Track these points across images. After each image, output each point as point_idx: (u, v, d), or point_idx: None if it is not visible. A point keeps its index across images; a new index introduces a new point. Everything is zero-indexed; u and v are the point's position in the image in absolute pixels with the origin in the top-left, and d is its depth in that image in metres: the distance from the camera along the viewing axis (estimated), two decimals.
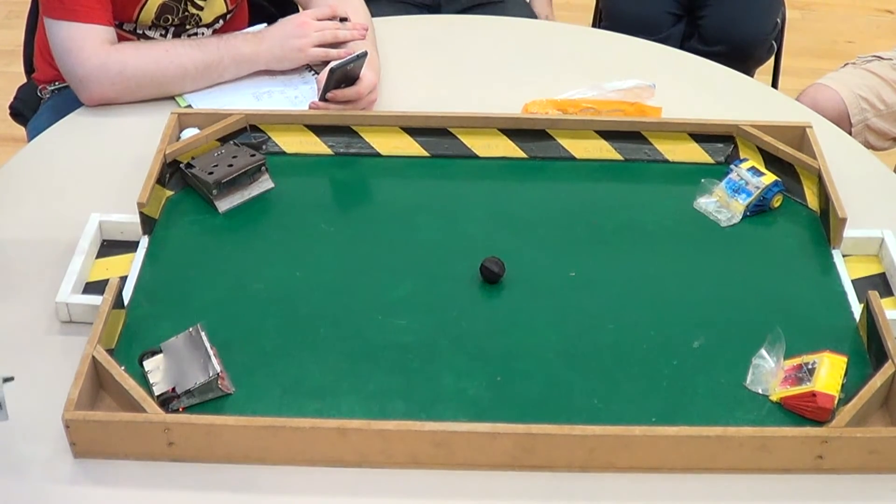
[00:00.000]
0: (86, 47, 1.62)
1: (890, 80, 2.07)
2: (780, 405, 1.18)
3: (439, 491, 1.12)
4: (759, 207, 1.44)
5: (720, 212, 1.43)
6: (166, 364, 1.19)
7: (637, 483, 1.12)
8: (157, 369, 1.19)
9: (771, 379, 1.19)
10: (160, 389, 1.16)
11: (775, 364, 1.20)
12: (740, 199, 1.43)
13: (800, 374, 1.18)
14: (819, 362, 1.19)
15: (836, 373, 1.18)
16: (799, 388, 1.17)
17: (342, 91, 1.58)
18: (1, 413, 1.10)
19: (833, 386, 1.16)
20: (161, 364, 1.19)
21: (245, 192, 1.45)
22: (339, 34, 1.68)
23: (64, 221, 1.42)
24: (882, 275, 1.37)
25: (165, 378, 1.17)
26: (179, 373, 1.17)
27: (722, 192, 1.45)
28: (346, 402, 1.17)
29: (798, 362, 1.20)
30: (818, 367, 1.18)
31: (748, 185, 1.44)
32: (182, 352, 1.19)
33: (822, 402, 1.15)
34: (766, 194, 1.43)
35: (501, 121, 1.55)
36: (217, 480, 1.12)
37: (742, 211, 1.43)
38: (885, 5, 3.71)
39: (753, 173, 1.45)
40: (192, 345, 1.20)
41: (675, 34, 2.49)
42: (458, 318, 1.28)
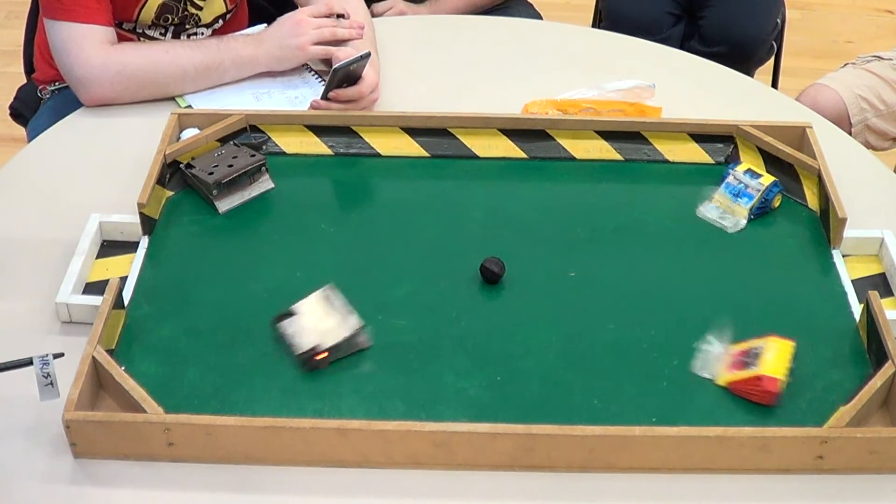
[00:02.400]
0: (85, 47, 1.62)
1: (890, 80, 2.07)
2: (727, 390, 1.19)
3: (439, 491, 1.12)
4: (762, 210, 1.43)
5: (725, 218, 1.42)
6: (304, 324, 1.23)
7: (637, 483, 1.12)
8: (295, 331, 1.23)
9: (717, 364, 1.20)
10: (301, 349, 1.21)
11: (722, 349, 1.21)
12: (743, 203, 1.42)
13: (746, 359, 1.19)
14: (765, 346, 1.19)
15: (782, 357, 1.19)
16: (745, 372, 1.18)
17: (344, 91, 1.58)
18: (52, 391, 1.12)
19: (779, 370, 1.17)
20: (298, 324, 1.23)
21: (245, 193, 1.45)
22: (336, 31, 1.68)
23: (64, 221, 1.42)
24: (882, 275, 1.37)
25: (306, 337, 1.22)
26: (320, 331, 1.22)
27: (723, 198, 1.44)
28: (346, 402, 1.17)
29: (745, 347, 1.21)
30: (764, 352, 1.19)
31: (748, 189, 1.43)
32: (317, 311, 1.24)
33: (767, 385, 1.16)
34: (767, 195, 1.43)
35: (501, 121, 1.55)
36: (217, 480, 1.12)
37: (746, 215, 1.42)
38: (885, 5, 3.71)
39: (751, 175, 1.44)
40: (327, 304, 1.25)
41: (675, 34, 2.49)
42: (458, 318, 1.28)
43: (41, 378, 1.11)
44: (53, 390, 1.12)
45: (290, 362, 1.22)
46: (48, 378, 1.11)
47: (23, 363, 1.11)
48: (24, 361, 1.11)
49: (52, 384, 1.12)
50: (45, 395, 1.12)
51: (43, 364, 1.11)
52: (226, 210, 1.43)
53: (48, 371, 1.11)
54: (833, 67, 2.19)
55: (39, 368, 1.11)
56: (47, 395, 1.12)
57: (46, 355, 1.11)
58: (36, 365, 1.11)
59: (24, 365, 1.11)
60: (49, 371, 1.11)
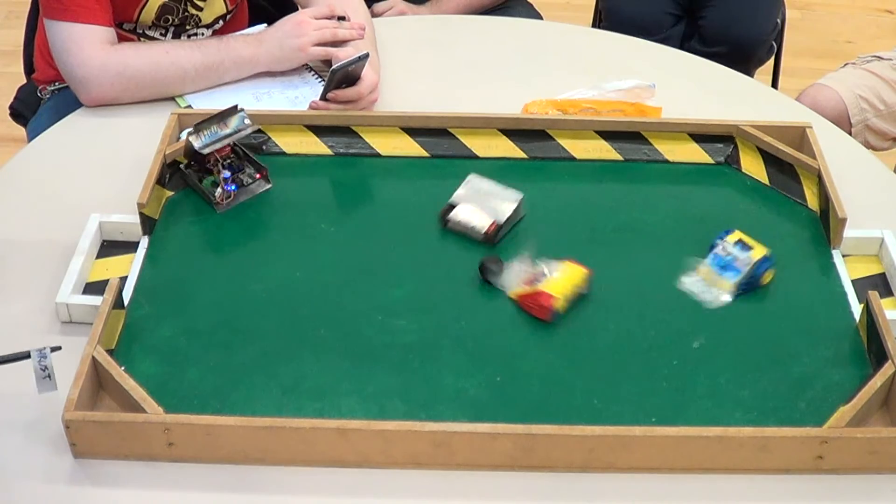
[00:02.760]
0: (85, 48, 1.62)
1: (890, 80, 2.07)
2: (515, 303, 1.28)
3: (439, 491, 1.12)
4: (749, 286, 1.31)
5: (705, 293, 1.30)
6: (473, 207, 1.38)
7: (637, 483, 1.12)
8: (467, 218, 1.37)
9: (514, 279, 1.29)
10: (482, 230, 1.36)
11: (520, 266, 1.30)
12: (728, 278, 1.31)
13: (537, 277, 1.28)
14: (558, 268, 1.29)
15: (569, 279, 1.28)
16: (531, 287, 1.27)
17: (343, 91, 1.58)
18: (49, 383, 1.12)
19: (560, 290, 1.26)
20: (469, 210, 1.38)
21: (243, 193, 1.45)
22: (337, 33, 1.68)
23: (64, 221, 1.42)
24: (882, 275, 1.37)
25: (479, 219, 1.36)
26: (491, 208, 1.37)
27: (707, 271, 1.32)
28: (346, 402, 1.17)
29: (542, 268, 1.29)
30: (554, 272, 1.28)
31: (736, 262, 1.31)
32: (481, 193, 1.39)
33: (543, 300, 1.25)
34: (756, 271, 1.31)
35: (501, 121, 1.55)
36: (217, 480, 1.12)
37: (730, 290, 1.30)
38: (885, 5, 3.71)
39: (741, 248, 1.32)
40: (484, 187, 1.40)
41: (675, 34, 2.49)
42: (458, 318, 1.28)
43: (39, 371, 1.12)
44: (51, 383, 1.13)
45: (290, 362, 1.22)
46: (45, 371, 1.12)
47: (21, 356, 1.12)
48: (22, 355, 1.12)
49: (50, 377, 1.12)
50: (42, 387, 1.13)
51: (41, 357, 1.11)
52: (224, 210, 1.43)
53: (46, 364, 1.12)
54: (833, 67, 2.19)
55: (37, 361, 1.12)
56: (45, 388, 1.13)
57: (44, 348, 1.12)
58: (34, 358, 1.12)
59: (22, 358, 1.12)
60: (46, 364, 1.12)
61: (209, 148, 1.41)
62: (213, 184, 1.43)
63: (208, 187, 1.43)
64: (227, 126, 1.43)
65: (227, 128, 1.43)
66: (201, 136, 1.41)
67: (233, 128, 1.43)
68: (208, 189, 1.43)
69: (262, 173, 1.47)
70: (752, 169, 1.52)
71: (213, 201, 1.42)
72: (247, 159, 1.47)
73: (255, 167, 1.47)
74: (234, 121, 1.43)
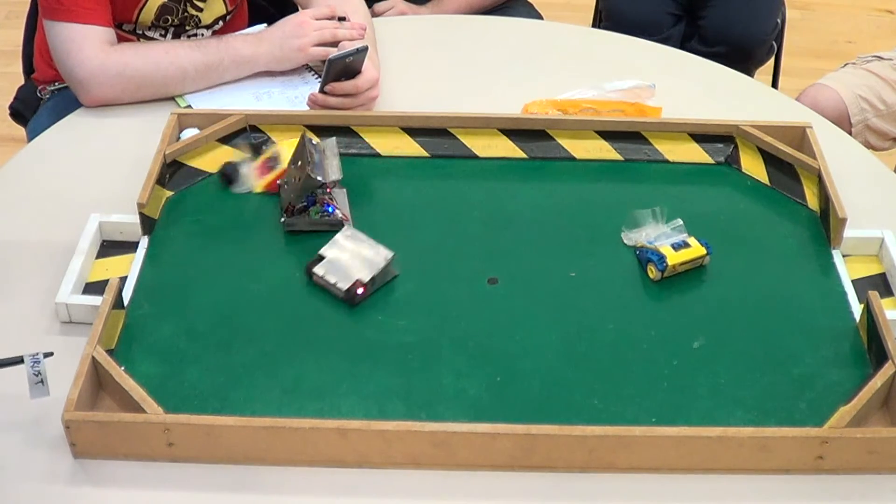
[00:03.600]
0: (85, 48, 1.62)
1: (890, 80, 2.07)
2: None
3: (439, 491, 1.12)
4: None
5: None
6: (338, 264, 1.31)
7: (637, 483, 1.12)
8: (330, 271, 1.30)
9: (250, 178, 1.44)
10: (344, 286, 1.28)
11: (250, 164, 1.44)
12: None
13: (270, 164, 1.44)
14: (279, 147, 1.46)
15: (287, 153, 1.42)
16: (270, 174, 1.44)
17: (340, 84, 1.58)
18: (42, 389, 1.13)
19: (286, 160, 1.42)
20: (332, 266, 1.31)
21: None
22: (338, 33, 1.68)
23: (64, 221, 1.42)
24: (882, 275, 1.37)
25: (344, 276, 1.29)
26: (356, 266, 1.30)
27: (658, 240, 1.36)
28: (346, 402, 1.17)
29: (267, 155, 1.46)
30: (280, 152, 1.44)
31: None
32: (347, 249, 1.32)
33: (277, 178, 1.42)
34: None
35: (501, 121, 1.55)
36: (217, 480, 1.12)
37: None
38: (885, 5, 3.71)
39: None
40: (354, 239, 1.33)
41: (675, 35, 2.49)
42: (458, 318, 1.28)
43: (32, 376, 1.13)
44: (44, 388, 1.13)
45: (290, 362, 1.22)
46: (38, 376, 1.12)
47: (14, 361, 1.12)
48: (16, 360, 1.12)
49: (43, 382, 1.13)
50: (34, 392, 1.13)
51: (34, 363, 1.12)
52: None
53: (38, 369, 1.12)
54: (833, 67, 2.19)
55: (30, 367, 1.12)
56: (37, 393, 1.13)
57: (37, 354, 1.12)
58: (27, 363, 1.12)
59: (15, 363, 1.12)
60: (39, 369, 1.12)
61: (332, 174, 1.39)
62: (318, 215, 1.40)
63: (319, 219, 1.40)
64: (313, 154, 1.39)
65: (314, 156, 1.40)
66: (315, 172, 1.38)
67: (316, 152, 1.41)
68: (324, 220, 1.40)
69: (329, 185, 1.42)
70: (753, 169, 1.52)
71: (341, 220, 1.40)
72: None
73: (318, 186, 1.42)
74: (309, 147, 1.39)
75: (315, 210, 1.40)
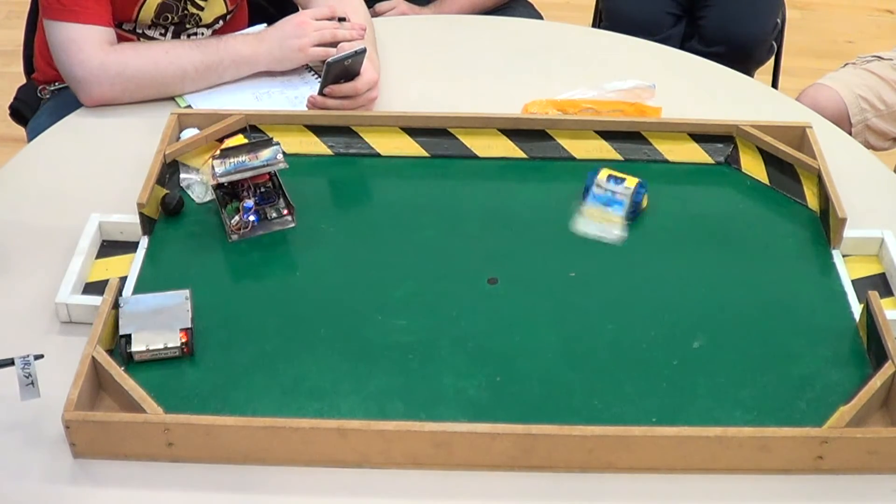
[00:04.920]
0: (85, 48, 1.62)
1: (890, 80, 2.07)
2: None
3: (439, 491, 1.12)
4: (634, 213, 1.41)
5: (605, 231, 1.38)
6: (149, 333, 1.22)
7: (637, 483, 1.12)
8: (150, 342, 1.22)
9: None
10: (175, 346, 1.21)
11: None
12: (615, 211, 1.39)
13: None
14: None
15: None
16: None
17: (339, 86, 1.58)
18: (33, 390, 1.13)
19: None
20: (147, 337, 1.22)
21: (263, 226, 1.40)
22: (337, 34, 1.68)
23: (64, 221, 1.42)
24: (882, 275, 1.37)
25: (165, 338, 1.22)
26: (166, 323, 1.22)
27: (594, 210, 1.40)
28: (346, 402, 1.17)
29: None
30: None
31: (617, 195, 1.39)
32: (147, 313, 1.24)
33: None
34: (636, 198, 1.40)
35: (501, 121, 1.55)
36: (217, 480, 1.12)
37: (621, 223, 1.39)
38: (885, 5, 3.71)
39: (615, 182, 1.41)
40: (138, 304, 1.25)
41: (675, 34, 2.49)
42: (458, 318, 1.28)
43: (22, 378, 1.13)
44: (34, 390, 1.13)
45: (290, 362, 1.22)
46: (29, 378, 1.13)
47: (4, 363, 1.13)
48: (6, 362, 1.13)
49: (33, 384, 1.13)
50: (25, 394, 1.14)
51: (24, 364, 1.12)
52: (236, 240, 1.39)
53: (29, 371, 1.12)
54: (833, 67, 2.19)
55: (21, 368, 1.12)
56: (27, 395, 1.14)
57: (28, 356, 1.12)
58: (17, 365, 1.12)
59: (6, 365, 1.13)
60: (30, 371, 1.12)
61: (228, 178, 1.35)
62: (233, 210, 1.38)
63: (230, 213, 1.38)
64: (256, 157, 1.36)
65: (256, 159, 1.36)
66: (226, 163, 1.36)
67: (262, 160, 1.36)
68: (228, 214, 1.38)
69: (290, 210, 1.40)
70: (752, 169, 1.52)
71: (228, 229, 1.38)
72: (281, 193, 1.41)
73: (285, 203, 1.41)
74: (266, 153, 1.37)
75: (235, 206, 1.38)
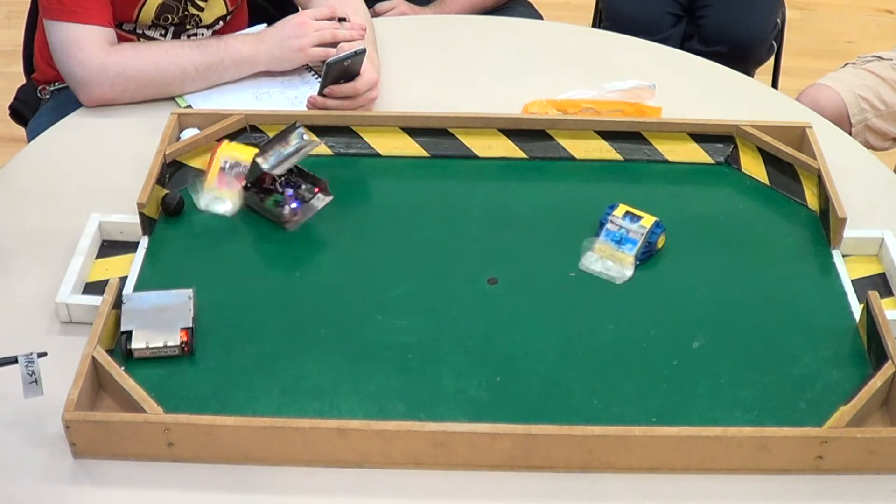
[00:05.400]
0: (85, 48, 1.62)
1: (890, 80, 2.07)
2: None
3: (439, 491, 1.12)
4: (647, 253, 1.35)
5: (610, 269, 1.33)
6: (150, 332, 1.22)
7: (637, 483, 1.12)
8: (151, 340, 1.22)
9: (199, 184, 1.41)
10: (175, 344, 1.21)
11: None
12: (627, 250, 1.34)
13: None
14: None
15: None
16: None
17: (339, 87, 1.58)
18: (36, 388, 1.13)
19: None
20: (148, 335, 1.22)
21: (307, 210, 1.42)
22: (338, 34, 1.68)
23: (64, 221, 1.42)
24: (882, 275, 1.37)
25: (167, 336, 1.22)
26: (167, 321, 1.23)
27: (605, 247, 1.35)
28: (345, 402, 1.17)
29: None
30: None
31: (630, 233, 1.35)
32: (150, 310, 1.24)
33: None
34: (651, 238, 1.35)
35: (501, 121, 1.55)
36: (217, 480, 1.12)
37: (633, 262, 1.34)
38: (885, 5, 3.71)
39: (631, 219, 1.36)
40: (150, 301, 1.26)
41: (675, 34, 2.49)
42: (458, 318, 1.28)
43: (26, 376, 1.13)
44: (38, 388, 1.14)
45: (290, 361, 1.22)
46: (32, 376, 1.13)
47: (8, 361, 1.13)
48: (9, 360, 1.13)
49: (37, 382, 1.13)
50: (28, 392, 1.14)
51: (28, 362, 1.12)
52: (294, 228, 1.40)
53: (32, 369, 1.12)
54: (833, 67, 2.19)
55: (24, 367, 1.12)
56: (31, 393, 1.14)
57: (31, 354, 1.13)
58: (21, 363, 1.12)
59: (9, 363, 1.13)
60: (34, 369, 1.12)
61: (280, 168, 1.38)
62: (275, 203, 1.40)
63: (272, 207, 1.40)
64: (288, 144, 1.40)
65: (289, 146, 1.40)
66: (268, 158, 1.38)
67: (294, 145, 1.40)
68: (272, 209, 1.40)
69: (320, 187, 1.43)
70: (752, 169, 1.52)
71: (284, 219, 1.39)
72: (300, 175, 1.43)
73: (311, 182, 1.43)
74: (293, 138, 1.40)
75: (275, 198, 1.40)
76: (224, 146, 1.46)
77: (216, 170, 1.43)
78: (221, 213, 1.40)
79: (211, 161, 1.45)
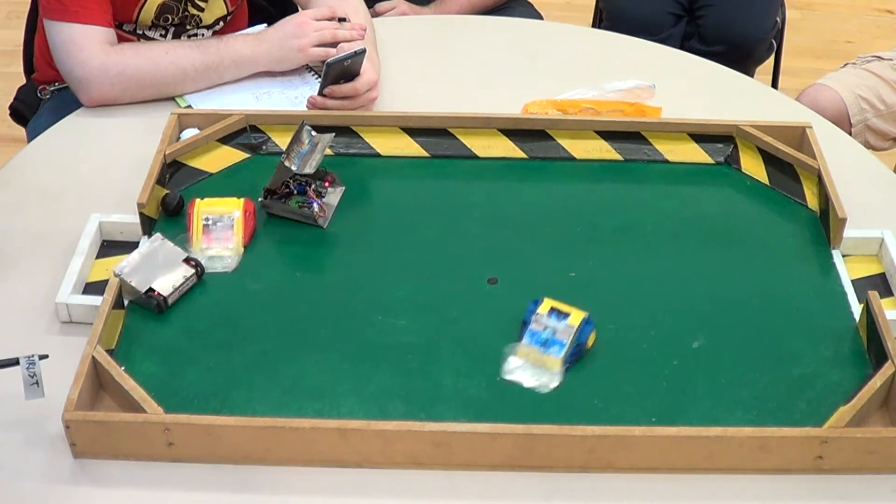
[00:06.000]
0: (85, 48, 1.62)
1: (890, 80, 2.07)
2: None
3: (439, 491, 1.12)
4: (576, 355, 1.21)
5: (537, 377, 1.19)
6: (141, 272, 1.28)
7: (637, 483, 1.12)
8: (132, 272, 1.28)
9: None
10: (142, 288, 1.27)
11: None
12: (553, 353, 1.19)
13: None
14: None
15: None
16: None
17: (339, 87, 1.58)
18: (37, 390, 1.13)
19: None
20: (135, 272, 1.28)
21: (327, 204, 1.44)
22: (338, 34, 1.68)
23: (64, 221, 1.42)
24: (882, 275, 1.37)
25: (143, 280, 1.27)
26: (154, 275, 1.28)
27: (530, 352, 1.20)
28: (346, 402, 1.17)
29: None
30: None
31: (557, 334, 1.20)
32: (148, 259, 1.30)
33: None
34: (580, 338, 1.21)
35: (501, 121, 1.55)
36: (217, 480, 1.12)
37: (560, 367, 1.19)
38: (885, 5, 3.71)
39: (557, 317, 1.21)
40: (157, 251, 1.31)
41: (675, 34, 2.49)
42: (458, 318, 1.28)
43: (27, 378, 1.13)
44: (38, 390, 1.14)
45: (290, 362, 1.22)
46: (34, 378, 1.13)
47: (9, 363, 1.13)
48: (11, 361, 1.13)
49: (38, 384, 1.13)
50: (30, 394, 1.14)
51: (29, 364, 1.12)
52: (327, 223, 1.42)
53: (34, 371, 1.13)
54: (833, 67, 2.19)
55: (25, 368, 1.13)
56: (32, 395, 1.14)
57: (32, 356, 1.13)
58: (22, 365, 1.13)
59: (11, 365, 1.13)
60: (35, 371, 1.13)
61: (308, 167, 1.38)
62: (299, 205, 1.40)
63: (298, 209, 1.40)
64: (303, 143, 1.40)
65: (304, 145, 1.40)
66: (293, 161, 1.38)
67: (310, 142, 1.41)
68: (300, 211, 1.40)
69: (329, 179, 1.44)
70: (752, 169, 1.52)
71: (315, 218, 1.40)
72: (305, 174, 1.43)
73: (319, 178, 1.43)
74: (304, 136, 1.41)
75: (297, 200, 1.40)
76: (198, 204, 1.38)
77: (199, 230, 1.37)
78: (222, 270, 1.34)
79: (190, 223, 1.37)
